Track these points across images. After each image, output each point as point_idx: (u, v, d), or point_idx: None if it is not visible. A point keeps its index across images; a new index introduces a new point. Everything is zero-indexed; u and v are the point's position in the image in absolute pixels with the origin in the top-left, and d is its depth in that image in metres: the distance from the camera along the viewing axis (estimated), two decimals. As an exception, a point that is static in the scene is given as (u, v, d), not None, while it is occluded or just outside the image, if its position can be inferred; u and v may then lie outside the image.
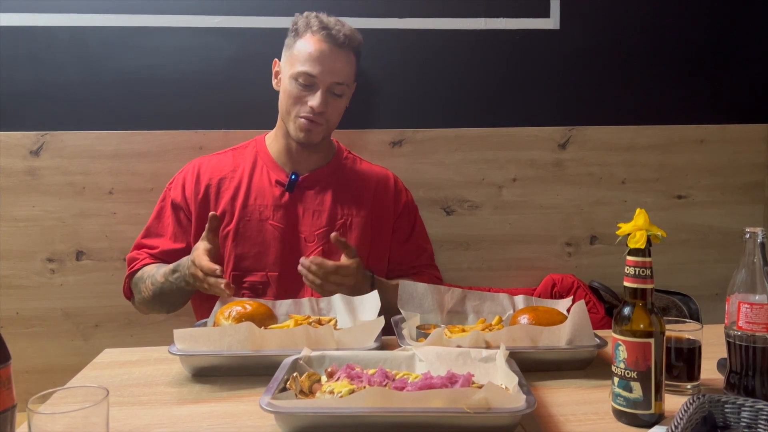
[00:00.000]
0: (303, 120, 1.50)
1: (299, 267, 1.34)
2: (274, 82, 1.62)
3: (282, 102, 1.55)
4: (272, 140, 1.62)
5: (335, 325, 1.23)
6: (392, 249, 1.64)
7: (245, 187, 1.56)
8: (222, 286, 1.25)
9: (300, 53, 1.50)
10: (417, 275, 1.59)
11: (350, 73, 1.55)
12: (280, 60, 1.60)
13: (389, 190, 1.65)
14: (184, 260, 1.40)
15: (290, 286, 1.49)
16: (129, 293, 1.61)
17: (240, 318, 1.17)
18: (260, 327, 1.14)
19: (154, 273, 1.49)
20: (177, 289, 1.44)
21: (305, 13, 1.55)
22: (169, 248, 1.55)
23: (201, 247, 1.33)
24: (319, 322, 1.22)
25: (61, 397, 0.81)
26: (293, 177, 1.56)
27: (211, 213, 1.36)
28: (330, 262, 1.34)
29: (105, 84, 1.84)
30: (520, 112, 1.99)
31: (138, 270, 1.55)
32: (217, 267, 1.27)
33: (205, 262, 1.29)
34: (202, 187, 1.56)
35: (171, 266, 1.45)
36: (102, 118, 1.84)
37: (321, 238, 1.54)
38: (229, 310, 1.21)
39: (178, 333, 1.07)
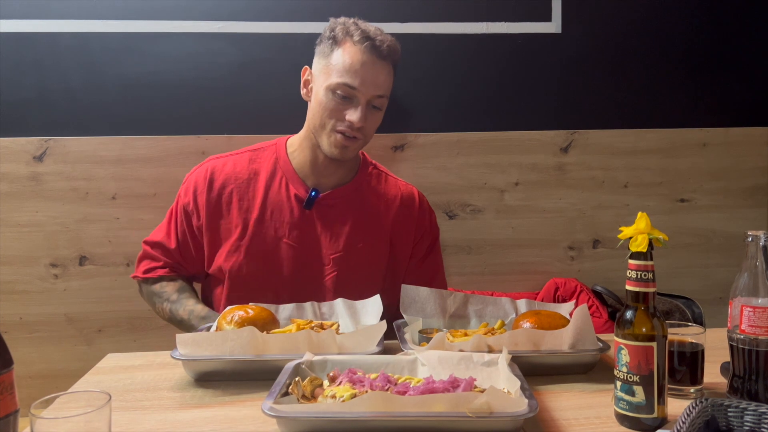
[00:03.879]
0: (339, 136, 1.40)
1: None
2: (303, 91, 1.49)
3: (315, 114, 1.42)
4: (296, 149, 1.50)
5: (337, 329, 1.23)
6: (407, 271, 1.56)
7: (261, 199, 1.46)
8: None
9: (339, 64, 1.38)
10: None
11: (390, 84, 1.45)
12: (310, 68, 1.48)
13: (413, 212, 1.55)
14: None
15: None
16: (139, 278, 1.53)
17: (242, 322, 1.17)
18: (262, 331, 1.14)
19: (176, 302, 1.44)
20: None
21: (342, 20, 1.44)
22: (180, 259, 1.49)
23: None
24: (322, 327, 1.22)
25: (64, 402, 0.81)
26: (313, 194, 1.45)
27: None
28: None
29: (108, 89, 1.85)
30: (522, 116, 1.99)
31: (154, 279, 1.49)
32: None
33: None
34: (215, 194, 1.46)
35: (200, 311, 1.40)
36: (105, 124, 1.85)
37: (336, 263, 1.46)
38: (231, 315, 1.21)
39: (180, 338, 1.07)
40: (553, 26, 1.97)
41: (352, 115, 1.38)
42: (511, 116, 1.99)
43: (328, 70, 1.40)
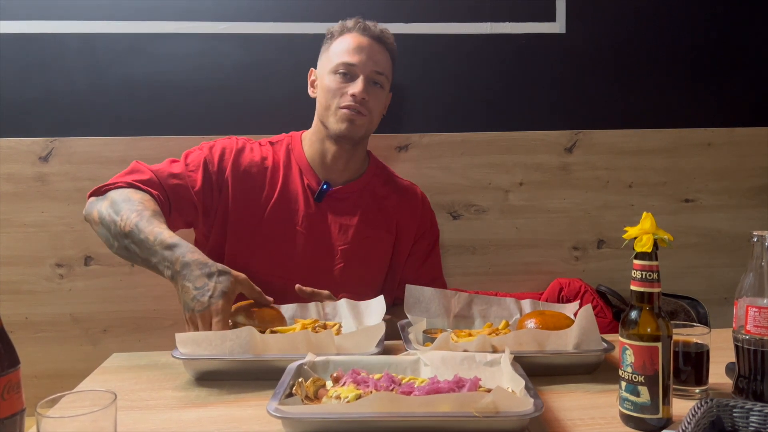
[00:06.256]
0: (345, 110, 1.46)
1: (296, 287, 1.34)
2: (310, 90, 1.58)
3: (321, 100, 1.50)
4: (308, 143, 1.56)
5: (340, 329, 1.23)
6: (405, 271, 1.59)
7: (279, 186, 1.50)
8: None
9: (338, 50, 1.49)
10: None
11: (388, 67, 1.53)
12: (315, 69, 1.57)
13: (416, 209, 1.62)
14: (191, 250, 1.21)
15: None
16: (99, 193, 1.38)
17: (252, 315, 1.19)
18: (269, 327, 1.15)
19: (146, 219, 1.26)
20: (147, 262, 1.25)
21: (339, 21, 1.54)
22: (174, 198, 1.40)
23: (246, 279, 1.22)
24: (325, 327, 1.22)
25: (70, 401, 0.81)
26: (324, 186, 1.51)
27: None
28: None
29: (113, 90, 1.85)
30: (527, 116, 1.99)
31: (139, 189, 1.36)
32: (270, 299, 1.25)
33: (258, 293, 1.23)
34: (243, 165, 1.49)
35: (168, 238, 1.21)
36: (110, 124, 1.85)
37: (344, 255, 1.51)
38: (240, 309, 1.22)
39: (180, 337, 1.07)
40: (557, 26, 1.97)
41: (354, 88, 1.45)
42: (515, 116, 1.98)
43: (329, 59, 1.50)
